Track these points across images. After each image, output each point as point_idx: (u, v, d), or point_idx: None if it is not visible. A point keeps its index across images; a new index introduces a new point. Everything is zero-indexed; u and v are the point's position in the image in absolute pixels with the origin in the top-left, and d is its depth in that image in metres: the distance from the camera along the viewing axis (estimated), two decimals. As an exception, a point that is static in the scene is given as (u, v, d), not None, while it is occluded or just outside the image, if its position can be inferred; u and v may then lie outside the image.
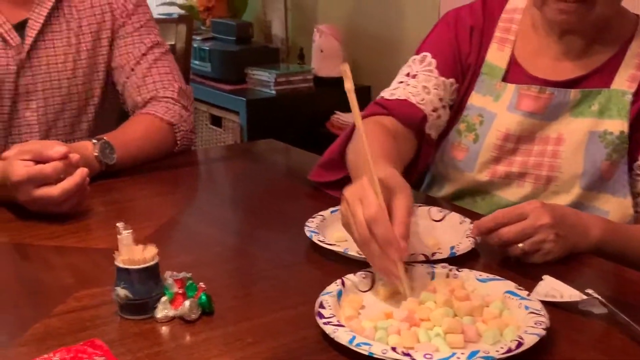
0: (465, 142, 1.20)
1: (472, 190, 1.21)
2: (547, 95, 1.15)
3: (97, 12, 1.44)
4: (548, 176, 1.15)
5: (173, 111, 1.41)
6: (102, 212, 1.16)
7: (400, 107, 1.18)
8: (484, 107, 1.19)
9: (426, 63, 1.22)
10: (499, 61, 1.20)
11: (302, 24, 2.83)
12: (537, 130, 1.16)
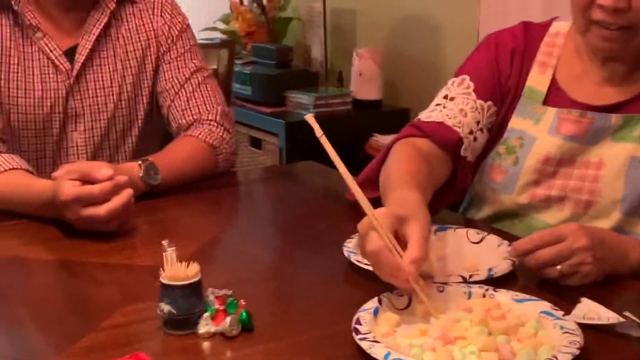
0: (505, 165, 1.20)
1: (510, 213, 1.21)
2: (587, 120, 1.15)
3: (142, 39, 1.49)
4: (588, 200, 1.14)
5: (215, 134, 1.45)
6: (147, 230, 1.20)
7: (436, 129, 1.19)
8: (524, 130, 1.20)
9: (464, 86, 1.23)
10: (540, 85, 1.20)
11: (341, 48, 2.86)
12: (578, 154, 1.16)
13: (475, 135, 1.21)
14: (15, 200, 1.24)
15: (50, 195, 1.15)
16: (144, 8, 1.50)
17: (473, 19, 2.22)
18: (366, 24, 2.77)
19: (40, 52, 1.41)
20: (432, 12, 2.46)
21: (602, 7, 1.06)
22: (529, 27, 1.25)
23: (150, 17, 1.50)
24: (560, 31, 1.22)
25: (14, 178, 1.26)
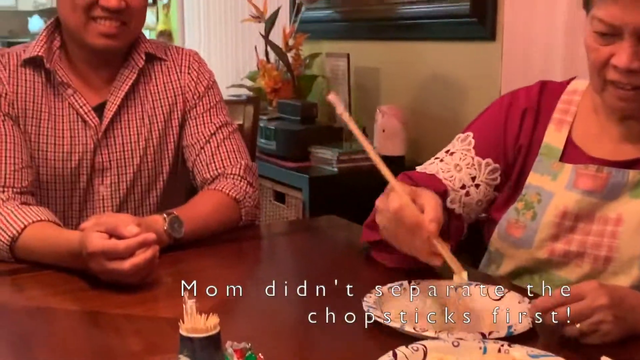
0: (523, 220, 1.21)
1: (530, 269, 1.21)
2: (605, 175, 1.15)
3: (170, 95, 1.53)
4: (607, 256, 1.14)
5: (239, 187, 1.48)
6: (169, 282, 1.21)
7: (424, 180, 1.22)
8: (541, 186, 1.21)
9: (467, 142, 1.27)
10: (556, 142, 1.22)
11: (365, 105, 2.90)
12: (596, 210, 1.16)
13: (468, 190, 1.24)
14: (42, 251, 1.26)
15: (77, 246, 1.18)
16: (172, 65, 1.55)
17: (495, 77, 2.25)
18: (389, 82, 2.82)
19: (71, 107, 1.46)
20: (454, 71, 2.50)
21: (616, 67, 1.08)
22: (545, 86, 1.27)
23: (177, 74, 1.55)
24: (578, 89, 1.24)
25: (42, 230, 1.29)
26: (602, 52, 1.09)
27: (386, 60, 2.82)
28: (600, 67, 1.11)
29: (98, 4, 1.38)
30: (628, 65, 1.06)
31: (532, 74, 2.05)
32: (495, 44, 2.28)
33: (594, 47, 1.10)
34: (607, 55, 1.09)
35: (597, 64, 1.11)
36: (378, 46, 2.85)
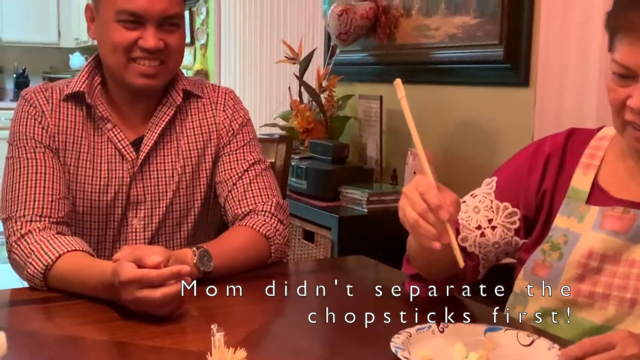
0: (549, 260, 1.21)
1: (555, 310, 1.20)
2: (631, 216, 1.15)
3: (204, 131, 1.56)
4: (632, 299, 1.12)
5: (269, 225, 1.49)
6: (197, 316, 1.22)
7: None
8: (568, 228, 1.21)
9: (489, 186, 1.31)
10: (583, 185, 1.23)
11: (396, 147, 2.92)
12: (623, 252, 1.15)
13: (484, 231, 1.26)
14: (75, 281, 1.28)
15: (109, 276, 1.19)
16: (208, 102, 1.58)
17: (528, 124, 2.25)
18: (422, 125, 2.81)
19: (109, 141, 1.50)
20: (487, 116, 2.51)
21: (632, 109, 1.09)
22: (574, 133, 1.30)
23: (213, 110, 1.58)
24: (607, 135, 1.26)
25: (76, 259, 1.31)
26: (619, 93, 1.11)
27: (419, 103, 2.84)
28: (619, 108, 1.12)
29: (137, 45, 1.43)
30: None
31: (565, 120, 2.05)
32: (529, 90, 2.29)
33: (612, 88, 1.12)
34: (624, 96, 1.10)
35: (615, 105, 1.13)
36: (411, 90, 2.85)
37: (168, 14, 1.43)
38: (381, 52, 2.99)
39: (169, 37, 1.45)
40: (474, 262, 1.28)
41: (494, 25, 2.39)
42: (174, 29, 1.46)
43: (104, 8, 1.45)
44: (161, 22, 1.43)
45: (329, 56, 3.12)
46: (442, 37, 2.64)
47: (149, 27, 1.42)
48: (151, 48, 1.42)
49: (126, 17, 1.42)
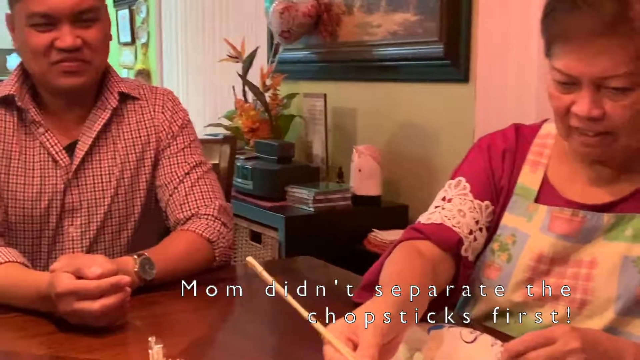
0: (499, 262, 1.21)
1: (505, 311, 1.20)
2: (580, 219, 1.16)
3: (142, 134, 1.52)
4: (582, 299, 1.14)
5: (212, 228, 1.46)
6: (139, 326, 1.19)
7: (436, 230, 1.20)
8: (516, 227, 1.21)
9: (461, 187, 1.25)
10: (532, 183, 1.22)
11: (342, 145, 2.92)
12: (571, 253, 1.16)
13: (475, 235, 1.22)
14: (11, 294, 1.24)
15: (46, 288, 1.15)
16: (146, 104, 1.54)
17: (469, 119, 2.27)
18: (366, 122, 2.84)
19: (42, 147, 1.45)
20: (429, 112, 2.53)
21: (577, 115, 1.09)
22: (519, 129, 1.28)
23: (151, 112, 1.54)
24: (551, 132, 1.25)
25: (10, 271, 1.26)
26: (563, 100, 1.10)
27: (363, 100, 2.85)
28: (563, 114, 1.12)
29: (54, 46, 1.37)
30: (588, 113, 1.07)
31: (505, 116, 2.08)
32: (469, 86, 2.31)
33: (555, 95, 1.12)
34: (568, 103, 1.10)
35: (559, 112, 1.12)
36: (355, 87, 2.88)
37: (80, 8, 1.38)
38: (324, 50, 2.99)
39: (86, 33, 1.39)
40: (470, 270, 1.23)
41: (433, 22, 2.41)
42: (90, 24, 1.40)
43: (17, 15, 1.40)
44: (75, 19, 1.38)
45: (273, 54, 3.10)
46: (384, 35, 2.65)
47: (63, 26, 1.37)
48: (68, 47, 1.37)
49: (38, 19, 1.36)
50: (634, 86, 1.04)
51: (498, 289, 1.20)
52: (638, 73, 1.03)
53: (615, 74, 1.03)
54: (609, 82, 1.04)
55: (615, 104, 1.06)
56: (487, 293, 1.22)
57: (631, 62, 1.02)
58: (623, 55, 1.02)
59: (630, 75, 1.03)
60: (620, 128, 1.08)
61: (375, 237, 2.44)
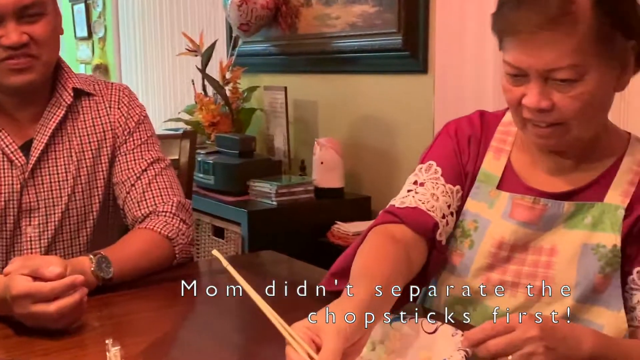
0: (461, 248, 1.22)
1: (465, 298, 1.21)
2: (541, 207, 1.17)
3: (98, 131, 1.50)
4: (541, 287, 1.15)
5: (171, 225, 1.44)
6: (98, 327, 1.16)
7: (411, 214, 1.19)
8: (478, 213, 1.22)
9: (432, 171, 1.25)
10: (495, 169, 1.23)
11: (304, 137, 2.91)
12: (531, 240, 1.17)
13: (447, 219, 1.22)
14: None
15: (1, 291, 1.12)
16: (101, 100, 1.51)
17: (428, 109, 2.28)
18: (327, 115, 2.84)
19: (-4, 147, 1.41)
20: (389, 104, 2.54)
21: (527, 107, 1.10)
22: (484, 115, 1.29)
23: (107, 109, 1.51)
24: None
25: None
26: (514, 92, 1.12)
27: (323, 93, 2.84)
28: (516, 106, 1.13)
29: (0, 45, 1.34)
30: (537, 105, 1.08)
31: (463, 106, 2.09)
32: (428, 77, 2.32)
33: (507, 88, 1.13)
34: (519, 95, 1.11)
35: (512, 104, 1.14)
36: (315, 79, 2.87)
37: (24, 3, 1.34)
38: (284, 43, 2.97)
39: (32, 28, 1.36)
40: (443, 254, 1.22)
41: (392, 14, 2.42)
42: (37, 19, 1.37)
43: None
44: (20, 14, 1.34)
45: (232, 47, 3.07)
46: (343, 26, 2.65)
47: (8, 23, 1.34)
48: (14, 44, 1.34)
49: None
50: (579, 78, 1.06)
51: (460, 274, 1.21)
52: (582, 65, 1.05)
53: (560, 66, 1.05)
54: (555, 74, 1.06)
55: (562, 95, 1.07)
56: (450, 278, 1.23)
57: (574, 54, 1.04)
58: (567, 47, 1.04)
59: (575, 67, 1.05)
60: (570, 119, 1.09)
61: (338, 229, 2.44)
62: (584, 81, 1.06)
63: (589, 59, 1.05)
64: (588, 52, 1.05)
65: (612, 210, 1.14)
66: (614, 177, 1.16)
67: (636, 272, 1.13)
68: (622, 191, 1.15)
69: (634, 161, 1.17)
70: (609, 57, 1.07)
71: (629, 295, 1.14)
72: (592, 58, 1.05)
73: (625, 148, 1.19)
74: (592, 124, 1.13)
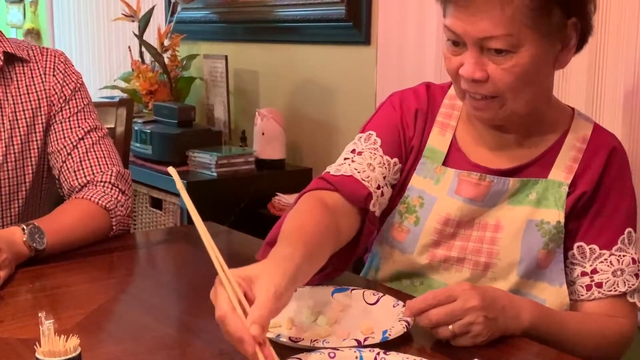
0: (407, 224, 1.21)
1: (411, 273, 1.21)
2: (486, 183, 1.17)
3: (33, 98, 1.43)
4: (486, 262, 1.16)
5: (109, 196, 1.40)
6: (30, 299, 1.13)
7: (345, 183, 1.17)
8: (424, 189, 1.21)
9: (371, 141, 1.23)
10: (440, 145, 1.22)
11: (244, 108, 2.87)
12: (477, 216, 1.18)
13: (382, 190, 1.20)
14: None
15: None
16: (35, 67, 1.45)
17: (370, 81, 2.28)
18: (268, 85, 2.80)
19: None
20: (331, 74, 2.52)
21: (463, 77, 1.10)
22: (430, 88, 1.27)
23: (42, 76, 1.45)
24: None
25: None
26: (453, 61, 1.12)
27: (265, 62, 2.80)
28: (454, 76, 1.13)
29: None
30: (472, 75, 1.08)
31: (405, 78, 2.10)
32: (370, 48, 2.31)
33: (447, 56, 1.13)
34: (457, 64, 1.11)
35: (451, 74, 1.13)
36: (256, 49, 2.83)
37: None
38: (225, 10, 2.91)
39: None
40: (374, 226, 1.21)
41: (335, -17, 2.39)
42: None
43: None
44: None
45: (170, 14, 2.99)
46: (286, -5, 2.61)
47: None
48: None
49: None
50: (514, 49, 1.06)
51: (405, 251, 1.20)
52: (517, 36, 1.05)
53: (493, 35, 1.05)
54: (490, 43, 1.06)
55: (497, 67, 1.07)
56: (395, 255, 1.22)
57: (509, 23, 1.04)
58: (501, 16, 1.04)
59: (509, 36, 1.05)
60: (504, 92, 1.09)
61: (279, 201, 2.42)
62: (518, 54, 1.06)
63: (524, 31, 1.04)
64: (523, 23, 1.04)
65: (555, 187, 1.15)
66: (558, 154, 1.17)
67: (577, 247, 1.15)
68: (566, 168, 1.16)
69: (578, 138, 1.18)
70: (547, 32, 1.06)
71: (569, 269, 1.16)
72: (527, 30, 1.04)
73: (569, 124, 1.20)
74: (528, 99, 1.12)
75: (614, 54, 1.63)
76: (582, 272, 1.15)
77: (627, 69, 1.61)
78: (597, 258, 1.14)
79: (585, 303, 1.14)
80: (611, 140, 1.19)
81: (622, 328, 1.12)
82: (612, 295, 1.13)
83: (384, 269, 1.25)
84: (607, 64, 1.64)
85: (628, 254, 1.14)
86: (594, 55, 1.65)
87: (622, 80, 1.62)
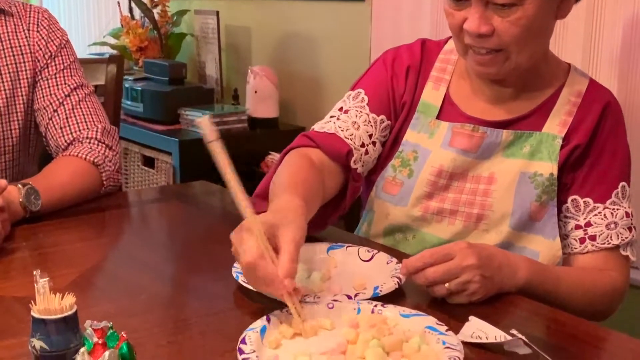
0: (400, 177, 1.21)
1: (404, 227, 1.22)
2: (480, 134, 1.17)
3: (16, 53, 1.41)
4: (479, 214, 1.16)
5: (97, 151, 1.39)
6: (24, 257, 1.12)
7: (327, 140, 1.19)
8: (418, 143, 1.21)
9: (359, 99, 1.24)
10: (434, 100, 1.22)
11: (236, 65, 2.84)
12: (470, 168, 1.18)
13: (367, 148, 1.21)
14: None
15: None
16: (19, 22, 1.42)
17: (365, 38, 2.25)
18: (261, 42, 2.76)
19: None
20: (325, 31, 2.48)
21: (468, 32, 1.09)
22: (426, 44, 1.28)
23: (25, 31, 1.42)
24: (454, 49, 1.25)
25: None
26: (456, 17, 1.11)
27: (257, 18, 2.76)
28: (457, 32, 1.12)
29: None
30: (477, 30, 1.08)
31: (400, 35, 2.07)
32: (365, 4, 2.28)
33: (449, 12, 1.12)
34: (461, 20, 1.10)
35: (454, 30, 1.13)
36: (249, 4, 2.78)
37: None
38: (216, -35, 2.85)
39: None
40: (359, 183, 1.21)
41: (329, -63, 2.34)
42: None
43: None
44: None
45: (161, -32, 2.92)
46: (279, -51, 2.55)
47: None
48: None
49: None
50: (519, 2, 1.05)
51: (399, 203, 1.21)
52: None
53: None
54: None
55: (502, 20, 1.07)
56: (388, 208, 1.23)
57: None
58: None
59: None
60: (510, 45, 1.09)
61: (272, 159, 2.41)
62: (523, 6, 1.06)
63: None
64: None
65: (549, 140, 1.15)
66: (553, 107, 1.17)
67: (571, 201, 1.16)
68: (560, 121, 1.16)
69: (572, 92, 1.18)
70: None
71: (563, 223, 1.17)
72: None
73: (564, 79, 1.20)
74: (532, 52, 1.12)
75: (611, 10, 1.62)
76: (576, 225, 1.15)
77: (624, 23, 1.59)
78: (591, 211, 1.14)
79: (578, 256, 1.15)
80: (606, 95, 1.19)
81: (614, 282, 1.13)
82: (605, 248, 1.14)
83: (377, 224, 1.25)
84: (604, 20, 1.63)
85: (622, 208, 1.14)
86: (591, 11, 1.64)
87: (619, 36, 1.61)
